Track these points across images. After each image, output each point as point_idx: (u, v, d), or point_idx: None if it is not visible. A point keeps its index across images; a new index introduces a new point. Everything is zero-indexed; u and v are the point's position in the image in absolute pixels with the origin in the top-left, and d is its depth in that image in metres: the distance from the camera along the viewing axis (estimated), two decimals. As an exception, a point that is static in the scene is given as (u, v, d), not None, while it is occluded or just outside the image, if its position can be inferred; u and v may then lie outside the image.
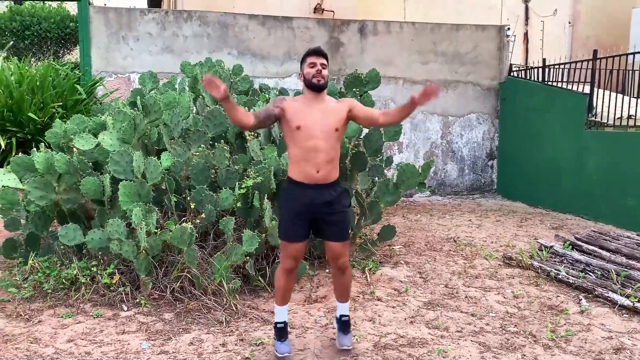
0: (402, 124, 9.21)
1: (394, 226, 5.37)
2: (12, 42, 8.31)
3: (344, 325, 3.41)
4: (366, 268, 4.98)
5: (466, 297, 4.42)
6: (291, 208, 3.21)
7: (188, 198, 4.53)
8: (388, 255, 5.50)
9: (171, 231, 4.07)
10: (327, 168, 3.15)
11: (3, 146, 6.95)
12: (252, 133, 5.00)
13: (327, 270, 4.95)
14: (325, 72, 3.17)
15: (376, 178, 5.12)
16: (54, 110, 7.25)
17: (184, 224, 4.05)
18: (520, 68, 9.80)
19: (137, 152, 4.31)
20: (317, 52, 3.19)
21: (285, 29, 9.09)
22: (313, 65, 3.15)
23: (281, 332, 3.34)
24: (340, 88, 5.61)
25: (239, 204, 4.46)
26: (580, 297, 4.35)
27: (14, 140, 7.02)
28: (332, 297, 4.36)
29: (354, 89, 5.45)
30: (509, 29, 9.75)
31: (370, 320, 3.88)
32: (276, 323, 3.37)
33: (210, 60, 5.66)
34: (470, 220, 7.49)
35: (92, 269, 4.27)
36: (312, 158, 3.12)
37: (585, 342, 3.57)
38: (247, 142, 4.91)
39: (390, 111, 3.33)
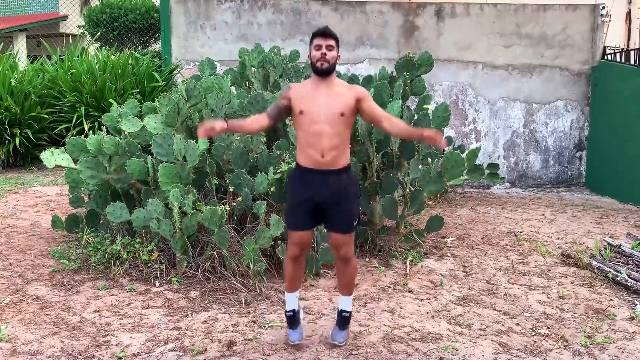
0: (476, 110, 8.98)
1: (441, 217, 5.13)
2: (99, 33, 8.96)
3: (343, 320, 3.29)
4: (407, 259, 4.82)
5: (505, 294, 4.14)
6: (297, 194, 3.17)
7: (227, 181, 4.63)
8: (437, 247, 5.28)
9: (202, 212, 4.19)
10: (333, 153, 3.05)
11: (87, 130, 7.52)
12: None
13: (367, 259, 4.86)
14: (331, 54, 3.04)
15: (420, 166, 4.92)
16: (132, 96, 7.70)
17: (214, 206, 4.16)
18: (615, 50, 8.92)
19: (178, 135, 4.47)
20: (323, 33, 3.05)
21: (358, 13, 8.97)
22: (318, 47, 3.04)
23: (291, 320, 3.31)
24: (392, 72, 5.43)
25: (272, 189, 4.48)
26: (637, 302, 3.91)
27: (96, 124, 7.56)
28: (362, 285, 4.28)
29: (405, 73, 5.26)
30: (603, 8, 8.90)
31: (390, 312, 3.75)
32: (285, 312, 3.35)
33: (260, 46, 5.71)
34: (543, 214, 6.98)
35: (135, 245, 4.51)
36: (316, 143, 3.04)
37: (623, 352, 3.21)
38: (288, 127, 4.91)
39: (395, 121, 3.24)
